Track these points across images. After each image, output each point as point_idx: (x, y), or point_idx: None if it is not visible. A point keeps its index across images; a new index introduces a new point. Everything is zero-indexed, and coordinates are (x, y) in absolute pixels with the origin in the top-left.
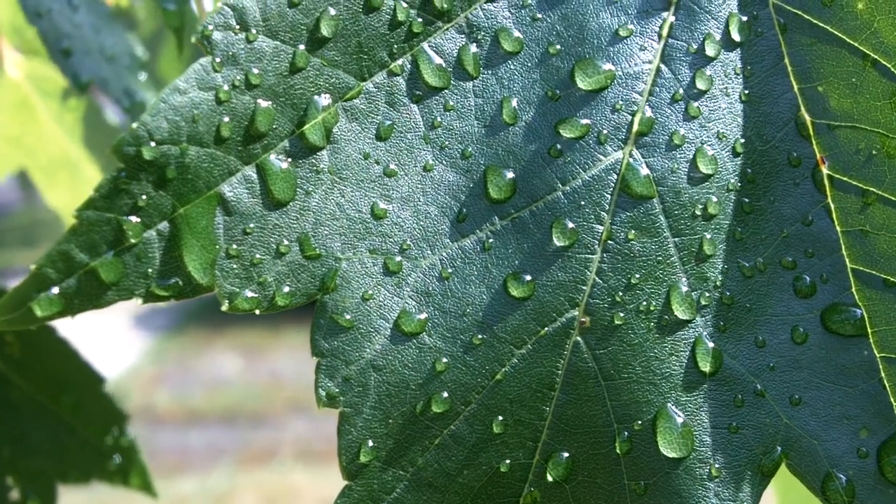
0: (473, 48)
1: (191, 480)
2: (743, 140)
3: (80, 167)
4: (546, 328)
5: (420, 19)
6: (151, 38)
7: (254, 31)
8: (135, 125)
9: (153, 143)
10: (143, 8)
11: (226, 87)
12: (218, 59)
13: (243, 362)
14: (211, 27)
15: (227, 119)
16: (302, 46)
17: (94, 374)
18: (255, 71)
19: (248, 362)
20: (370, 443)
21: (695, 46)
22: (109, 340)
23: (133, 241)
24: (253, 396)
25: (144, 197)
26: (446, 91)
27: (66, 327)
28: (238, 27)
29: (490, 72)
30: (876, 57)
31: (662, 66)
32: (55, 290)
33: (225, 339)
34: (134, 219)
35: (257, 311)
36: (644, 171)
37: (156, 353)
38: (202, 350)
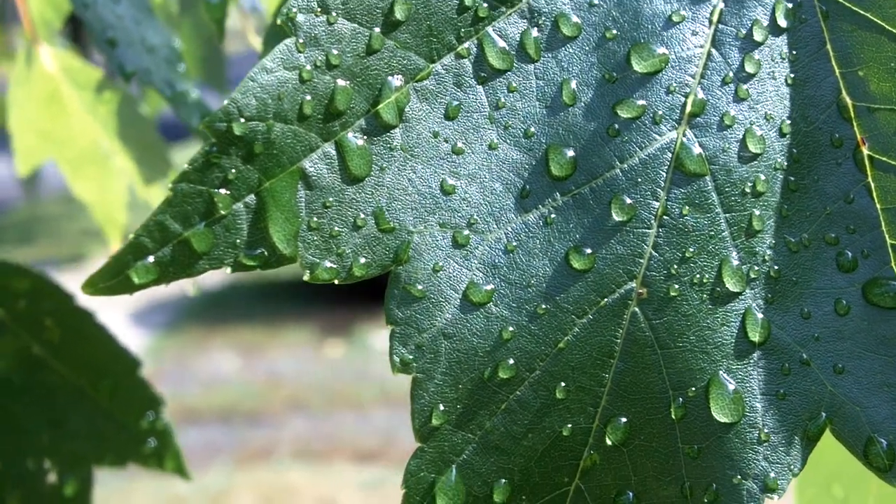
0: (535, 32)
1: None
2: (789, 121)
3: (109, 160)
4: (606, 299)
5: (485, 4)
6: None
7: (334, 14)
8: (226, 102)
9: (242, 120)
10: (178, 2)
11: (308, 67)
12: (301, 41)
13: (241, 361)
14: (295, 10)
15: (309, 97)
16: (377, 29)
17: (131, 358)
18: (335, 52)
19: (245, 361)
20: (441, 407)
21: (743, 32)
22: None
23: (223, 212)
24: (251, 395)
25: (234, 171)
26: (509, 73)
27: None
28: (319, 10)
29: (550, 55)
30: None
31: (713, 51)
32: (150, 258)
33: (223, 338)
34: (224, 191)
35: (336, 281)
36: (697, 149)
37: (153, 351)
38: (200, 348)
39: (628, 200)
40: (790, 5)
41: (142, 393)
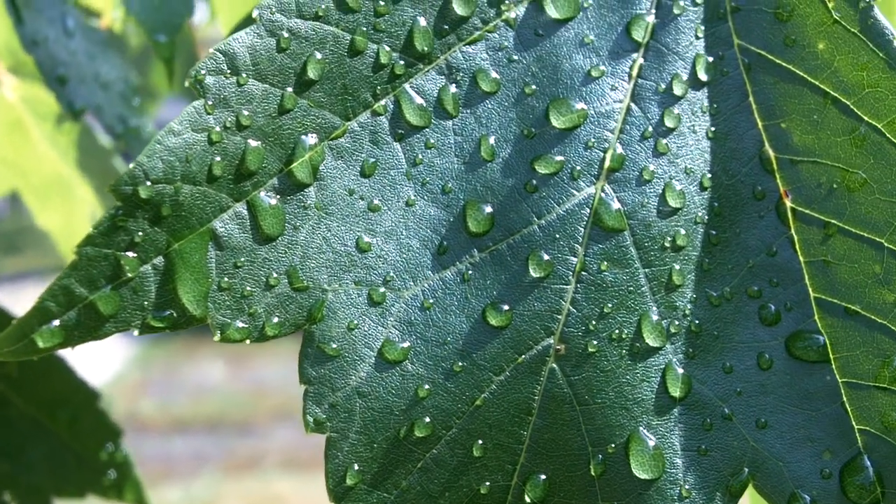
0: (453, 88)
1: (175, 488)
2: (710, 175)
3: (73, 189)
4: (523, 356)
5: (402, 62)
6: (142, 52)
7: (244, 75)
8: (132, 165)
9: (149, 183)
10: (136, 34)
11: (217, 129)
12: (210, 102)
13: (228, 370)
14: (203, 72)
15: (218, 158)
16: (290, 89)
17: (90, 390)
18: (246, 112)
19: (233, 370)
20: (356, 466)
21: (663, 86)
22: (94, 347)
23: (130, 275)
24: (238, 404)
25: (140, 233)
26: (427, 130)
27: None
28: (229, 71)
29: (469, 111)
30: (836, 95)
31: (633, 105)
32: (56, 322)
33: (210, 347)
34: (131, 254)
35: (248, 342)
36: (616, 205)
37: (141, 361)
38: (187, 357)
39: (546, 256)
40: (711, 59)
41: (101, 424)
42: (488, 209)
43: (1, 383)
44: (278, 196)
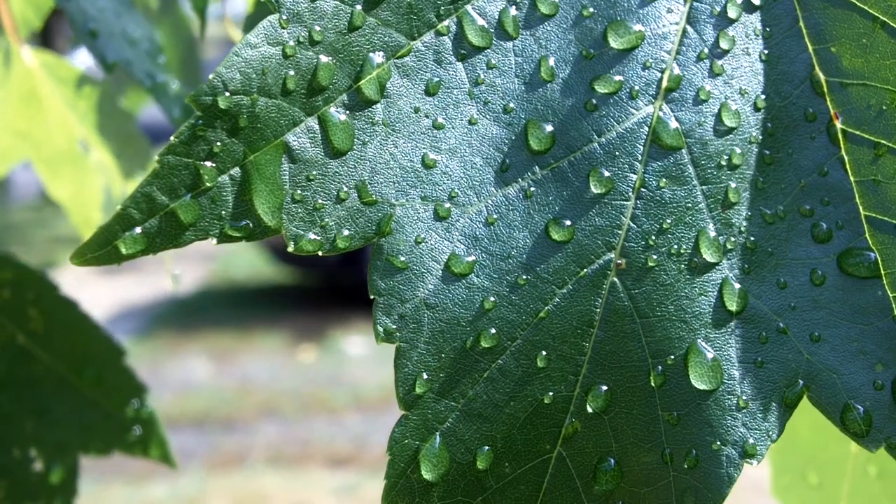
0: (513, 11)
1: (161, 485)
2: (763, 96)
3: (86, 160)
4: (585, 269)
5: None
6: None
7: None
8: (211, 76)
9: (227, 93)
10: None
11: (291, 43)
12: (284, 17)
13: (214, 367)
14: None
15: (292, 72)
16: (359, 6)
17: (115, 347)
18: (318, 28)
19: (218, 367)
20: (425, 375)
21: (718, 9)
22: None
23: (209, 184)
24: (223, 401)
25: (219, 144)
26: (489, 50)
27: None
28: None
29: (528, 32)
30: (885, 19)
31: (688, 27)
32: (138, 229)
33: (195, 344)
34: (209, 164)
35: (320, 253)
36: (673, 124)
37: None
38: (172, 354)
39: (606, 173)
40: None
41: (126, 381)
42: (549, 128)
43: (28, 340)
44: (348, 112)
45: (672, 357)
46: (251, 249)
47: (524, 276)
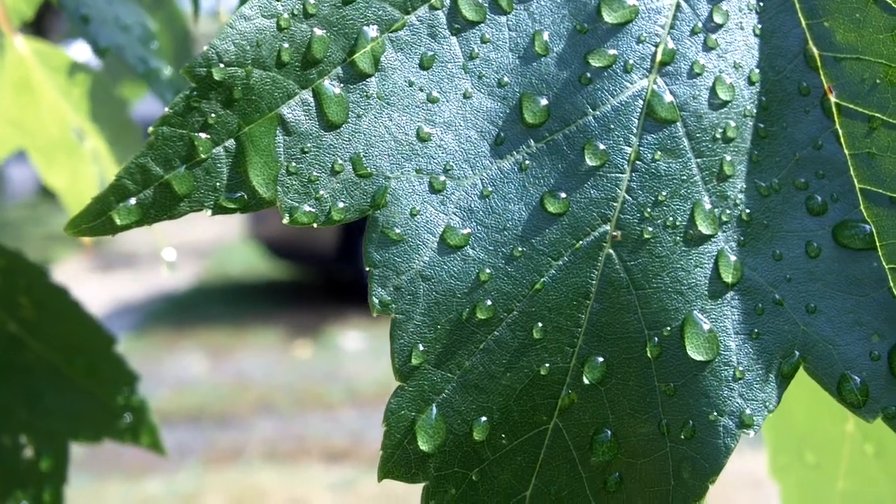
0: None
1: (157, 481)
2: (758, 70)
3: (80, 147)
4: (581, 241)
5: None
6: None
7: None
8: (205, 48)
9: (222, 65)
10: None
11: (286, 15)
12: None
13: (209, 363)
14: None
15: (286, 45)
16: None
17: (107, 335)
18: (312, 1)
19: (214, 363)
20: (421, 346)
21: None
22: None
23: (203, 156)
24: (219, 397)
25: (213, 115)
26: (482, 25)
27: None
28: None
29: (522, 7)
30: None
31: (682, 2)
32: (133, 200)
33: (191, 340)
34: (204, 135)
35: (315, 225)
36: (668, 97)
37: (121, 353)
38: (168, 351)
39: (601, 146)
40: None
41: (117, 369)
42: (544, 101)
43: (19, 328)
44: (342, 85)
45: (668, 328)
46: (246, 245)
47: (520, 248)
